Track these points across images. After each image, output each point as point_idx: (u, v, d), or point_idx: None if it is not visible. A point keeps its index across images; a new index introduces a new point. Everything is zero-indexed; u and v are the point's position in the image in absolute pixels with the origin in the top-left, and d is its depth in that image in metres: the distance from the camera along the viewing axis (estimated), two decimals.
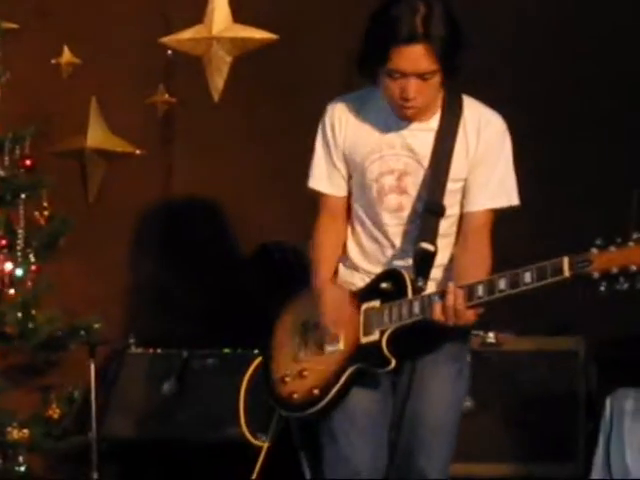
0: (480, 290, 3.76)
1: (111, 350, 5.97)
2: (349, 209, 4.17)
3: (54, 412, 5.81)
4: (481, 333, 5.55)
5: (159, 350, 5.88)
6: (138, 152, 6.49)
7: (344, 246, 4.18)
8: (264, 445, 4.20)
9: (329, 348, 4.05)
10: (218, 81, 6.20)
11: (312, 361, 4.10)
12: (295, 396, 4.08)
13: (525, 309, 5.77)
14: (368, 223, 4.09)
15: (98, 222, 6.34)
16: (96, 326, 5.74)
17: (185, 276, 6.15)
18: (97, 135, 6.48)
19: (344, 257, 4.17)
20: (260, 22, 6.22)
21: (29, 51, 6.30)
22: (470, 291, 3.76)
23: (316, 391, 4.02)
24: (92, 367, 5.70)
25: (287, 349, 4.18)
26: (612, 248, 3.53)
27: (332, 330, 4.04)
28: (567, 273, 3.60)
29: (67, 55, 6.44)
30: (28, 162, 5.79)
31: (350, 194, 4.15)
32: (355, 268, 4.14)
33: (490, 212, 4.03)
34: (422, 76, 3.82)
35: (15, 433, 5.66)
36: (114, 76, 6.43)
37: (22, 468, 5.72)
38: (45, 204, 5.86)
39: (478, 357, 5.52)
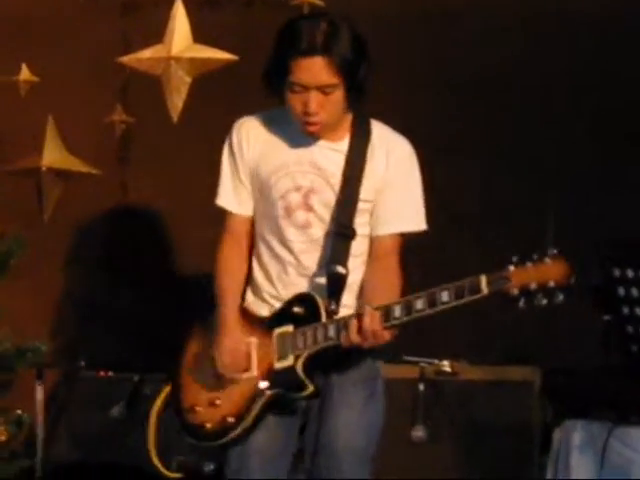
0: (397, 311, 3.81)
1: (61, 373, 5.91)
2: (253, 234, 4.21)
3: (1, 434, 5.76)
4: (436, 361, 5.55)
5: (110, 373, 5.82)
6: (94, 172, 6.46)
7: (250, 271, 4.19)
8: (176, 476, 4.20)
9: (243, 376, 4.06)
10: (177, 101, 6.18)
11: (225, 389, 4.13)
12: (208, 425, 4.14)
13: (480, 337, 5.80)
14: (273, 242, 4.14)
15: (52, 242, 6.32)
16: (43, 348, 5.69)
17: (139, 299, 6.12)
18: (53, 154, 6.48)
19: (252, 283, 4.20)
20: (221, 43, 6.19)
21: None
22: (387, 312, 3.81)
23: (231, 419, 4.09)
24: (39, 390, 5.73)
25: (196, 376, 4.21)
26: (529, 264, 3.62)
27: (228, 376, 4.09)
28: (485, 291, 3.68)
29: (25, 73, 6.42)
30: None
31: (255, 217, 4.19)
32: (261, 296, 4.18)
33: (399, 236, 4.10)
34: (323, 90, 3.89)
35: None
36: (72, 95, 6.42)
37: None
38: None
39: (433, 385, 5.60)
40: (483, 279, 3.68)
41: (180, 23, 6.31)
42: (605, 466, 4.42)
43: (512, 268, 3.64)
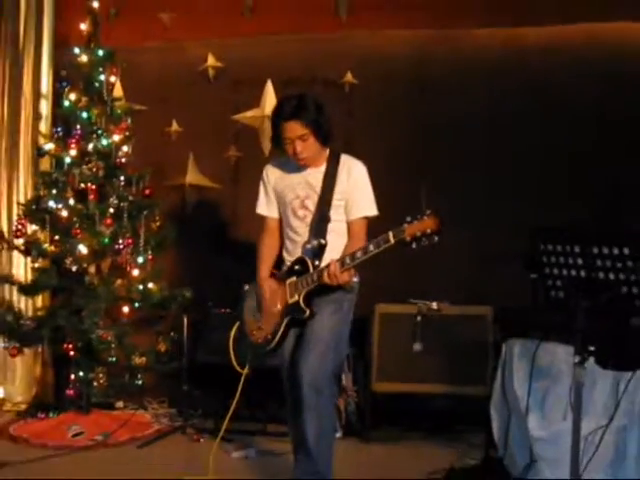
0: (347, 260, 4.00)
1: (198, 310, 5.95)
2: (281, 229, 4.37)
3: (162, 347, 5.82)
4: (427, 302, 5.49)
5: (223, 310, 5.80)
6: (217, 186, 6.50)
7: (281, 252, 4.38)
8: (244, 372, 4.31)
9: (271, 309, 4.24)
10: (267, 143, 6.17)
11: (264, 319, 4.27)
12: (259, 340, 4.26)
13: (456, 287, 5.80)
14: (287, 229, 4.32)
15: (191, 231, 6.30)
16: (188, 294, 5.77)
17: (229, 264, 6.03)
18: (192, 175, 6.49)
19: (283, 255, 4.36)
20: None
21: (151, 124, 6.33)
22: (342, 261, 4.02)
23: (269, 336, 4.22)
24: (185, 320, 5.74)
25: (250, 316, 4.35)
26: (415, 221, 3.79)
27: (266, 296, 4.26)
28: (392, 240, 3.84)
29: (174, 126, 6.47)
30: (147, 191, 5.79)
31: (281, 219, 4.36)
32: (286, 260, 4.33)
33: (363, 219, 4.21)
34: (301, 138, 4.08)
35: (137, 359, 5.66)
36: (204, 139, 6.41)
37: (140, 382, 5.73)
38: (157, 218, 5.86)
39: (426, 318, 5.51)
40: (390, 233, 3.85)
41: (269, 94, 6.31)
42: (534, 368, 4.40)
43: (406, 225, 3.80)
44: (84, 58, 5.77)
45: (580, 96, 5.83)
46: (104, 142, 5.71)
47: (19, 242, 5.73)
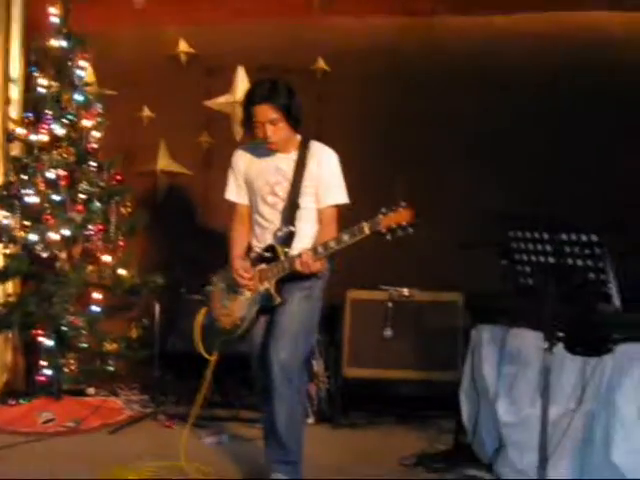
0: (320, 249, 3.99)
1: (170, 296, 5.94)
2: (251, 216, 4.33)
3: (133, 333, 5.82)
4: (398, 289, 5.52)
5: (196, 296, 5.76)
6: (189, 173, 6.49)
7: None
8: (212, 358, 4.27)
9: (241, 297, 4.22)
10: (239, 130, 6.18)
11: (233, 306, 4.25)
12: (227, 327, 4.24)
13: (426, 274, 5.83)
14: (256, 216, 4.27)
15: (161, 217, 6.30)
16: (159, 280, 5.75)
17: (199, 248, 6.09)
18: (164, 161, 6.48)
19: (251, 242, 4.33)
20: None
21: (123, 109, 6.29)
22: (315, 250, 4.00)
23: (238, 322, 4.20)
24: (157, 306, 5.74)
25: (219, 301, 4.32)
26: (390, 213, 3.79)
27: (241, 282, 4.20)
28: (367, 231, 3.83)
29: (146, 111, 6.44)
30: (118, 177, 5.76)
31: (250, 205, 4.31)
32: (254, 247, 4.28)
33: (334, 207, 4.20)
34: (272, 122, 4.06)
35: (108, 346, 5.65)
36: (175, 125, 6.41)
37: (111, 368, 5.72)
38: (128, 204, 5.80)
39: (397, 304, 5.55)
40: (365, 224, 3.83)
41: (241, 80, 6.31)
42: (503, 353, 4.44)
43: (381, 216, 3.80)
44: (55, 43, 5.72)
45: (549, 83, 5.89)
46: (75, 128, 5.67)
47: None
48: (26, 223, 5.60)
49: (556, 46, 5.87)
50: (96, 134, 5.74)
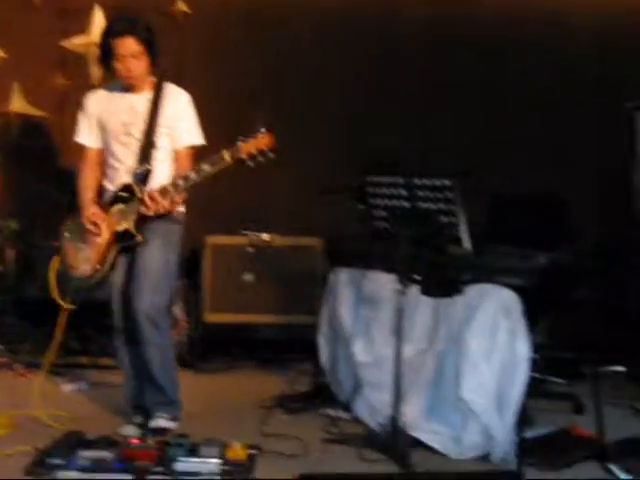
0: (180, 182, 3.98)
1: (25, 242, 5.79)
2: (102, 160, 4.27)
3: None
4: (258, 234, 5.55)
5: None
6: (44, 115, 6.30)
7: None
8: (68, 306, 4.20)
9: (97, 240, 4.14)
10: (96, 71, 6.03)
11: (91, 249, 4.17)
12: (87, 273, 4.16)
13: (287, 218, 5.87)
14: (110, 157, 4.22)
15: (18, 161, 6.12)
16: (14, 226, 5.64)
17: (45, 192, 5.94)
18: (18, 103, 6.26)
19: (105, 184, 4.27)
20: None
21: None
22: (163, 189, 3.99)
23: (98, 266, 4.13)
24: (12, 253, 5.65)
25: (73, 248, 4.22)
26: (250, 140, 3.83)
27: (90, 228, 4.13)
28: (228, 159, 3.85)
29: None
30: None
31: (102, 150, 4.26)
32: (108, 189, 4.24)
33: (189, 148, 4.19)
34: (134, 56, 4.04)
35: None
36: (30, 66, 6.16)
37: None
38: None
39: (257, 249, 5.59)
40: (226, 152, 3.85)
41: (98, 20, 6.14)
42: (360, 295, 4.53)
43: (241, 143, 3.83)
44: None
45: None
46: None
47: None
48: None
49: None
50: None
